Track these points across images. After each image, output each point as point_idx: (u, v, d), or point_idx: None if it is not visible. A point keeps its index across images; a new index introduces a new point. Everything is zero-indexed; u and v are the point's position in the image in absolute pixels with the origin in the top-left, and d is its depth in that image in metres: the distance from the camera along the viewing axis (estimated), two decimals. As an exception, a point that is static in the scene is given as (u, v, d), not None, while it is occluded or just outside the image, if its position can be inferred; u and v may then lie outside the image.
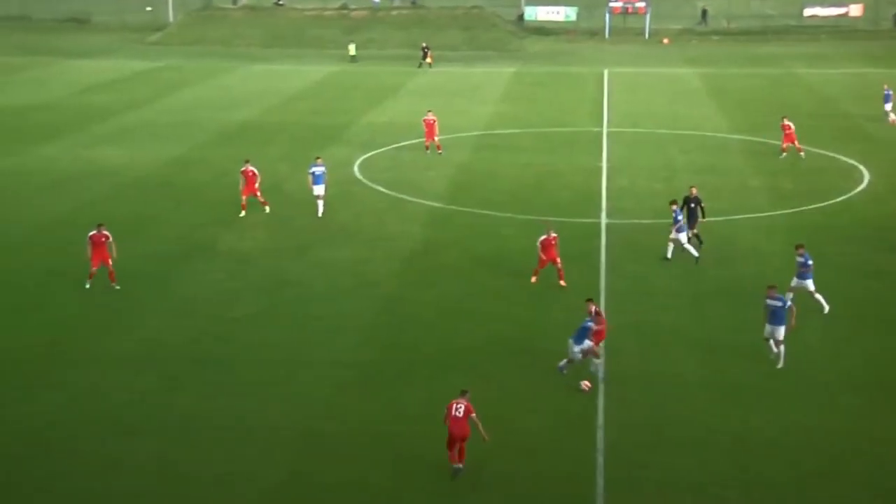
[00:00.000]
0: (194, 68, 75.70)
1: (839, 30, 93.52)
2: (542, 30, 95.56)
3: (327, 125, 53.44)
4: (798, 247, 27.65)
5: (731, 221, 36.00)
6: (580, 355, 23.06)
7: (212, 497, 18.86)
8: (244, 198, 36.13)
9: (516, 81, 69.98)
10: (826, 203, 38.17)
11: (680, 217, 31.28)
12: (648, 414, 21.84)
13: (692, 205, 32.21)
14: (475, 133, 51.92)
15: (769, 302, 23.97)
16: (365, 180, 41.94)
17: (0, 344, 25.66)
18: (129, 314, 27.62)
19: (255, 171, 36.35)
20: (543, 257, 29.21)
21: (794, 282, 27.33)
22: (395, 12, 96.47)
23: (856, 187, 40.40)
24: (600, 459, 19.97)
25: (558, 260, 29.28)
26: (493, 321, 27.05)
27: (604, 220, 36.08)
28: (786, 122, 45.56)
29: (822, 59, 79.17)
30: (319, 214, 36.03)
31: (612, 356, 24.61)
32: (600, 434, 21.02)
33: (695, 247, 31.73)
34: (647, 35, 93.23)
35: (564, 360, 23.47)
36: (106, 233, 29.03)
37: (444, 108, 58.52)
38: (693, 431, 21.15)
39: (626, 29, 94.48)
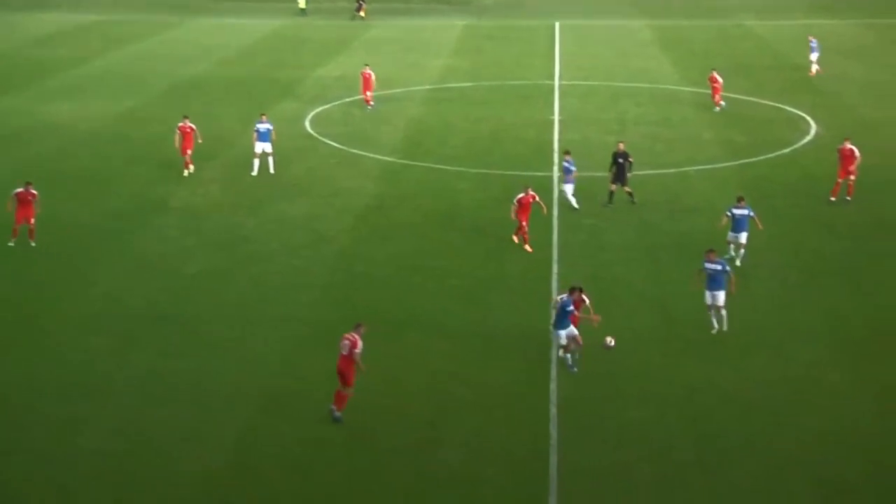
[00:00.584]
0: (142, 21, 74.21)
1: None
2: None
3: (279, 79, 52.79)
4: (739, 199, 27.59)
5: (683, 173, 36.23)
6: (566, 341, 21.65)
7: (174, 454, 18.80)
8: (186, 155, 35.30)
9: (468, 34, 69.51)
10: (775, 154, 38.54)
11: (573, 169, 31.34)
12: (602, 367, 22.02)
13: (620, 160, 31.98)
14: (427, 87, 51.61)
15: (708, 266, 23.36)
16: (317, 135, 41.58)
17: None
18: (83, 273, 27.28)
19: (194, 127, 35.55)
20: (520, 216, 28.31)
21: (730, 235, 27.38)
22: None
23: (803, 139, 40.82)
24: (554, 411, 20.15)
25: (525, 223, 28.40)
26: (448, 276, 27.08)
27: (556, 173, 36.12)
28: (714, 74, 45.83)
29: (773, 10, 79.43)
30: (272, 171, 35.55)
31: (566, 309, 24.71)
32: (554, 387, 21.20)
33: (607, 202, 31.74)
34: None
35: (565, 355, 21.81)
36: (33, 191, 28.55)
37: (396, 62, 58.15)
38: (646, 384, 21.40)
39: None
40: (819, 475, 18.12)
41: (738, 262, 26.94)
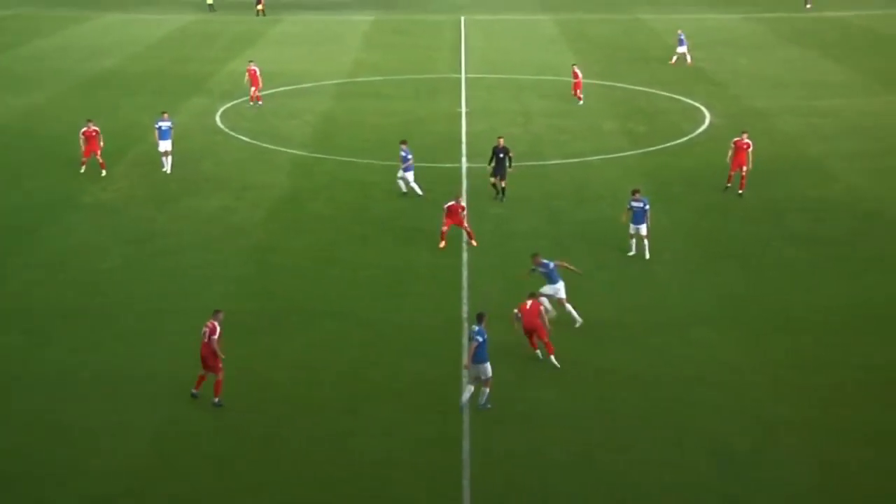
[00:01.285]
0: (47, 17, 72.17)
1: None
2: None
3: (189, 74, 51.89)
4: (634, 191, 27.45)
5: (586, 163, 36.71)
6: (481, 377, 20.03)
7: (90, 448, 18.38)
8: (86, 158, 34.19)
9: (376, 29, 69.27)
10: (672, 143, 39.30)
11: (409, 157, 31.58)
12: (513, 352, 22.18)
13: (500, 155, 31.75)
14: (337, 81, 51.30)
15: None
16: (227, 130, 41.00)
17: None
18: (-7, 270, 26.47)
19: (98, 131, 34.50)
20: (447, 221, 28.02)
21: (632, 228, 27.30)
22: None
23: (698, 128, 41.70)
24: (466, 396, 20.22)
25: (465, 224, 28.23)
26: (361, 267, 26.99)
27: (464, 164, 36.26)
28: (575, 69, 46.57)
29: (667, 4, 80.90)
30: (167, 170, 34.70)
31: (474, 297, 24.89)
32: (466, 373, 21.27)
33: (498, 198, 31.71)
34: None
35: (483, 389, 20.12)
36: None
37: (305, 57, 57.67)
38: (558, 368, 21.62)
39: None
40: (715, 446, 18.59)
41: (646, 256, 27.18)
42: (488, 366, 19.67)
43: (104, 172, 34.34)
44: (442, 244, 28.11)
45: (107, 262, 27.11)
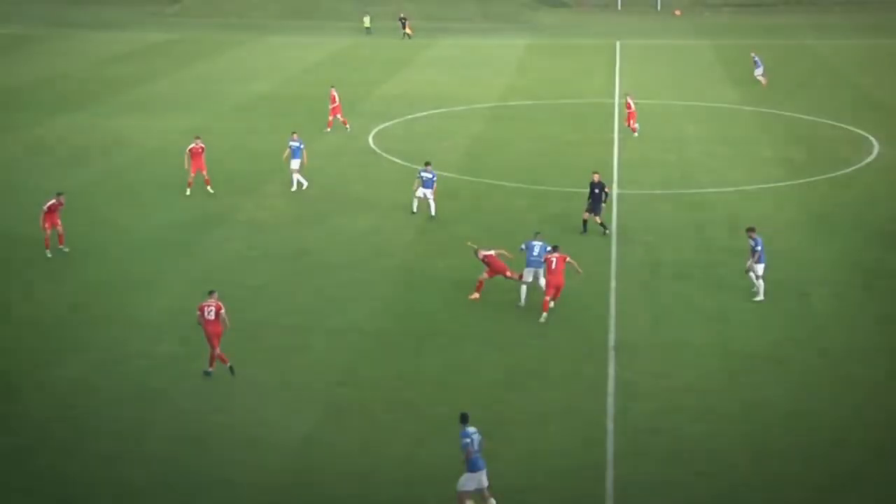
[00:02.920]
0: (211, 40, 75.55)
1: (852, 1, 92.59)
2: (555, 2, 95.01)
3: (342, 96, 53.19)
4: (749, 230, 26.32)
5: (742, 192, 35.88)
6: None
7: (236, 461, 19.01)
8: (192, 175, 35.19)
9: (529, 53, 69.63)
10: (835, 174, 37.99)
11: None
12: (659, 382, 21.87)
13: (596, 190, 31.03)
14: (489, 105, 51.78)
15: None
16: (380, 151, 41.90)
17: (32, 311, 25.84)
18: (150, 281, 27.77)
19: (204, 147, 35.40)
20: (489, 271, 26.29)
21: (748, 263, 26.16)
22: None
23: (864, 158, 40.17)
24: (610, 426, 20.03)
25: (509, 273, 26.16)
26: (505, 291, 27.03)
27: (615, 190, 36.01)
28: (629, 99, 43.70)
29: (835, 29, 78.47)
30: (294, 189, 35.46)
31: (623, 325, 24.67)
32: (611, 401, 21.08)
33: (600, 231, 30.91)
34: (658, 7, 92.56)
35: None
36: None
37: (458, 80, 58.48)
38: (704, 400, 21.17)
39: (638, 1, 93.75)
40: (877, 493, 17.76)
41: (760, 297, 25.96)
42: (485, 475, 17.20)
43: (211, 189, 35.30)
44: (475, 295, 26.14)
45: (256, 278, 28.06)
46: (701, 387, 21.72)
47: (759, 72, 55.73)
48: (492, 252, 26.33)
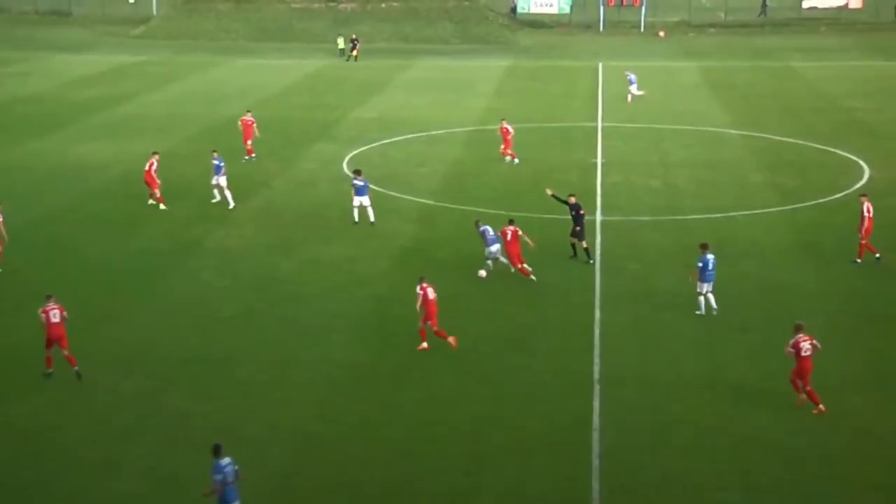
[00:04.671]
0: (180, 62, 75.56)
1: (839, 22, 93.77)
2: (536, 23, 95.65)
3: (316, 121, 53.42)
4: (702, 246, 27.14)
5: (731, 218, 36.12)
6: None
7: (207, 499, 18.87)
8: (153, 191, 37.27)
9: (509, 75, 70.04)
10: (826, 199, 38.33)
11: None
12: (646, 416, 21.91)
13: (573, 213, 31.28)
14: (468, 128, 51.99)
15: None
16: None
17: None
18: (118, 313, 27.63)
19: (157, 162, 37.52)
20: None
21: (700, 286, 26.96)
22: (384, 5, 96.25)
23: (855, 183, 40.56)
24: (596, 463, 20.05)
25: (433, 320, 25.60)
26: (486, 321, 27.13)
27: (599, 217, 36.15)
28: (505, 125, 44.27)
29: (822, 51, 79.40)
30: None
31: (609, 356, 24.72)
32: (596, 436, 21.10)
33: (585, 260, 31.17)
34: (642, 28, 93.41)
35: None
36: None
37: (435, 103, 58.69)
38: (693, 433, 21.24)
39: (621, 21, 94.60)
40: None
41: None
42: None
43: (162, 206, 36.83)
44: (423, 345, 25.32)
45: (228, 309, 27.98)
46: (690, 420, 21.78)
47: (633, 88, 57.89)
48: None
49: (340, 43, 79.82)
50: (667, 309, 27.92)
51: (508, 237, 29.53)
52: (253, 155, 44.04)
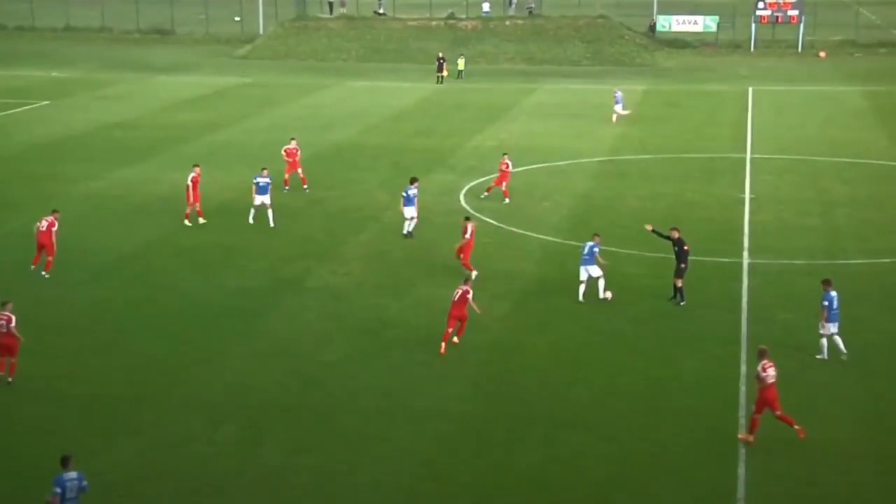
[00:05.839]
0: (286, 84, 77.46)
1: None
2: (677, 42, 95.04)
3: (431, 148, 54.03)
4: (824, 282, 27.61)
5: (899, 263, 35.17)
6: None
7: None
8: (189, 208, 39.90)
9: (646, 100, 69.72)
10: None
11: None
12: (800, 488, 21.36)
13: (676, 248, 31.37)
14: (598, 159, 51.88)
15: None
16: (472, 210, 42.18)
17: (78, 388, 26.39)
18: (213, 355, 28.29)
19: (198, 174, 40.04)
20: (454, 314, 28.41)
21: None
22: (508, 22, 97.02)
23: None
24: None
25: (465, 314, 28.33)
26: (615, 373, 26.89)
27: (746, 259, 35.61)
28: (505, 159, 43.73)
29: None
30: (271, 224, 39.44)
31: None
32: (741, 507, 20.69)
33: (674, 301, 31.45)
34: (800, 47, 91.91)
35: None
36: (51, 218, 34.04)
37: (562, 131, 58.80)
38: (851, 507, 20.63)
39: (775, 41, 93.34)
40: None
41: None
42: None
43: (202, 220, 39.76)
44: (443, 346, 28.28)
45: (331, 353, 28.37)
46: (851, 496, 21.12)
47: (618, 108, 60.11)
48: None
49: (461, 64, 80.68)
50: (823, 365, 27.23)
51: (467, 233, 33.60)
52: (305, 186, 45.30)
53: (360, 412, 24.97)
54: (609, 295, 31.52)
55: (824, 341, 27.18)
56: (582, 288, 31.66)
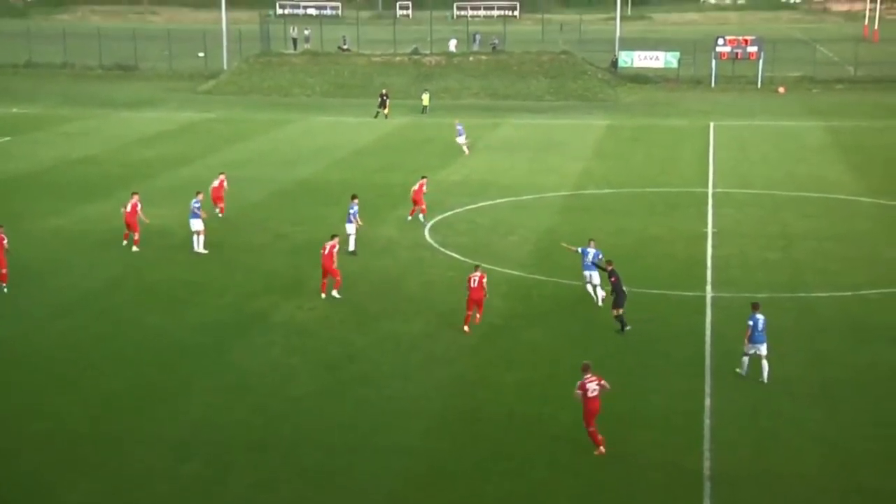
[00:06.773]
0: (250, 120, 77.44)
1: None
2: (639, 77, 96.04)
3: (396, 183, 53.98)
4: (753, 305, 28.67)
5: (863, 297, 35.44)
6: None
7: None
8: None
9: (609, 135, 70.24)
10: (972, 277, 37.43)
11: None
12: (765, 518, 21.43)
13: (612, 279, 32.23)
14: (562, 193, 52.12)
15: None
16: (437, 245, 42.24)
17: (38, 424, 26.12)
18: (178, 391, 28.07)
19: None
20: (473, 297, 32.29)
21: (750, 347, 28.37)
22: (472, 58, 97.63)
23: None
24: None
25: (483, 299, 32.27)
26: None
27: (710, 293, 35.80)
28: (423, 181, 46.21)
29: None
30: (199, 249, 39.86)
31: (721, 451, 24.28)
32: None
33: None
34: (759, 83, 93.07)
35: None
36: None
37: (526, 165, 59.03)
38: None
39: (735, 77, 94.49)
40: None
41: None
42: None
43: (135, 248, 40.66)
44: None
45: (296, 388, 28.22)
46: (814, 526, 21.22)
47: (461, 139, 62.57)
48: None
49: (425, 99, 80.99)
50: (788, 398, 27.39)
51: (326, 251, 34.79)
52: (221, 213, 46.44)
53: (325, 448, 24.82)
54: (603, 294, 34.03)
55: (746, 359, 28.43)
56: (600, 293, 34.11)
